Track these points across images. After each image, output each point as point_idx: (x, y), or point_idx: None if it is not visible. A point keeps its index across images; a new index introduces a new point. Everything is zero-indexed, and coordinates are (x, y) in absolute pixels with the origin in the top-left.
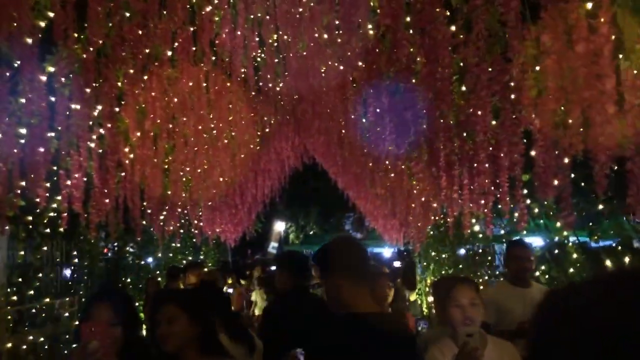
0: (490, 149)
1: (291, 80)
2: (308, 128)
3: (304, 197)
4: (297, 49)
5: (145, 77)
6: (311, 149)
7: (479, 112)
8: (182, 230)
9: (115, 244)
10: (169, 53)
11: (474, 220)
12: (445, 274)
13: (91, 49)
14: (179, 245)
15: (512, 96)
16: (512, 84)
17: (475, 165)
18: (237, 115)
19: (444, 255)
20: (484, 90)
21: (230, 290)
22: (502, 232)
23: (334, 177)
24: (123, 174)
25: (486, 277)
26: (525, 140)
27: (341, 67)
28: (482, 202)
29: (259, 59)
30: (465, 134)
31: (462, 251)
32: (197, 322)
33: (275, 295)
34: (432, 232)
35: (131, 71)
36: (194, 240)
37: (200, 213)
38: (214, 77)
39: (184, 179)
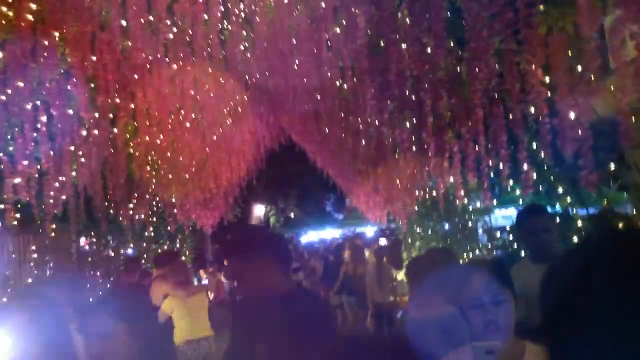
0: (489, 105)
1: (260, 51)
2: (282, 103)
3: (283, 180)
4: (266, 14)
5: (95, 47)
6: (287, 126)
7: (478, 59)
8: (154, 219)
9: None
10: (123, 22)
11: (462, 192)
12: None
13: (26, 14)
14: (152, 234)
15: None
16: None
17: (470, 125)
18: (204, 91)
19: (429, 231)
20: (484, 31)
21: (205, 281)
22: (495, 202)
23: (312, 155)
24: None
25: (477, 252)
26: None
27: (313, 26)
28: (479, 168)
29: (225, 29)
30: (458, 90)
31: (446, 226)
32: None
33: None
34: (417, 208)
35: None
36: (169, 228)
37: (173, 199)
38: (175, 48)
39: (151, 163)
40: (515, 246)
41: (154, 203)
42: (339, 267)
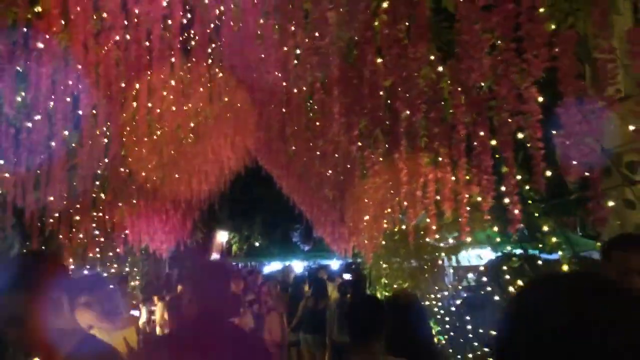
0: (472, 123)
1: (226, 62)
2: (247, 121)
3: (248, 206)
4: (231, 24)
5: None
6: (252, 147)
7: (470, 58)
8: (101, 239)
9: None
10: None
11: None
12: (398, 288)
13: None
14: (98, 255)
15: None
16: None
17: (449, 147)
18: (163, 99)
19: (397, 268)
20: (477, 24)
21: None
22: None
23: (277, 180)
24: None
25: (445, 293)
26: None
27: (281, 34)
28: (456, 198)
29: (188, 37)
30: (438, 103)
31: (413, 263)
32: None
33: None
34: (384, 242)
35: None
36: (118, 250)
37: (123, 218)
38: (130, 47)
39: (98, 175)
40: (489, 289)
41: (102, 221)
42: (298, 301)
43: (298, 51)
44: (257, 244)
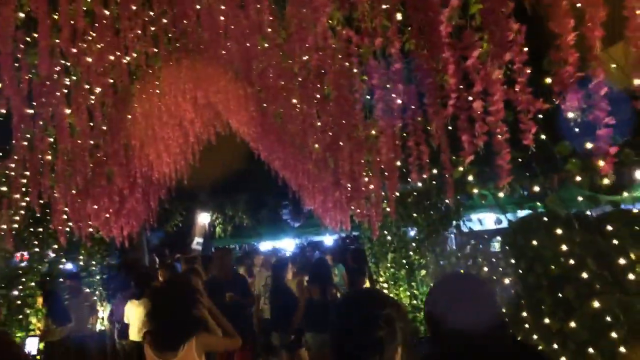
0: None
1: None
2: (207, 67)
3: (231, 184)
4: None
5: None
6: (214, 96)
7: None
8: (38, 228)
9: None
10: None
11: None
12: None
13: None
14: (36, 248)
15: None
16: None
17: None
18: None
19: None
20: None
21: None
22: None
23: (252, 143)
24: None
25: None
26: None
27: None
28: None
29: None
30: None
31: (412, 233)
32: None
33: None
34: (388, 208)
35: None
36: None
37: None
38: None
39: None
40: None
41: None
42: (280, 293)
43: None
44: (244, 224)
